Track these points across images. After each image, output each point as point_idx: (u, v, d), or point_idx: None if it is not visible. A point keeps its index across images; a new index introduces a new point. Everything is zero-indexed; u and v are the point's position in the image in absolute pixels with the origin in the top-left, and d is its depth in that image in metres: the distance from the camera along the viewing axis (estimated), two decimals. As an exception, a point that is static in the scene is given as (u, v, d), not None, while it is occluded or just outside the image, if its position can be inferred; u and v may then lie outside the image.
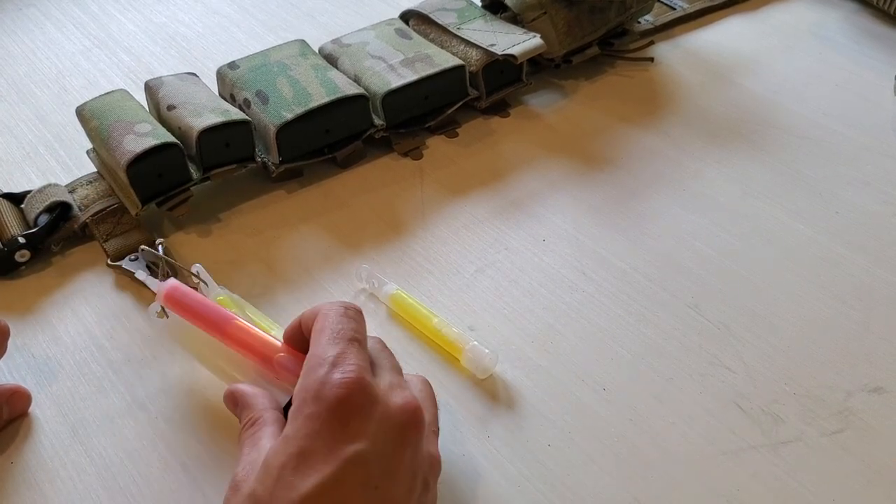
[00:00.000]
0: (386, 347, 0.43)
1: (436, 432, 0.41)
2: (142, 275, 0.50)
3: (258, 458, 0.37)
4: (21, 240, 0.55)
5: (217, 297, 0.49)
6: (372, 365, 0.40)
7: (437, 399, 0.43)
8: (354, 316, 0.41)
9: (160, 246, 0.53)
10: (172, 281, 0.46)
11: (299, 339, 0.42)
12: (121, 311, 0.53)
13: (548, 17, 0.68)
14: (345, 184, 0.62)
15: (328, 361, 0.37)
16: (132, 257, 0.55)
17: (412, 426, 0.38)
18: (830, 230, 0.57)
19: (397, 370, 0.41)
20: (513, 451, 0.45)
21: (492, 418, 0.46)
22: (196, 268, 0.50)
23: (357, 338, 0.40)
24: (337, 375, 0.37)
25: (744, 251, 0.56)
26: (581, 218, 0.58)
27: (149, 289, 0.48)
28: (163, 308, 0.46)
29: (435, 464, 0.40)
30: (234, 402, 0.42)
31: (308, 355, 0.39)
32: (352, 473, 0.35)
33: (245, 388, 0.42)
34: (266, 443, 0.38)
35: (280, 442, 0.36)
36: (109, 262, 0.55)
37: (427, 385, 0.43)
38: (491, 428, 0.46)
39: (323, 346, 0.38)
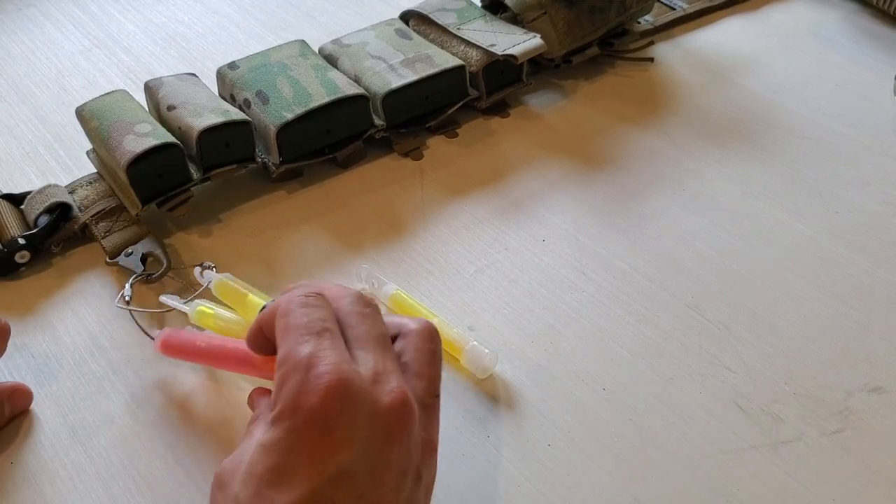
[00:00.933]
0: (367, 306, 0.38)
1: (432, 405, 0.38)
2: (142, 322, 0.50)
3: (245, 451, 0.36)
4: (21, 241, 0.55)
5: (196, 310, 0.49)
6: (351, 346, 0.36)
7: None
8: (317, 302, 0.37)
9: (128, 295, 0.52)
10: (161, 336, 0.47)
11: (263, 343, 0.40)
12: (121, 311, 0.53)
13: (548, 18, 0.68)
14: (345, 184, 0.62)
15: (302, 365, 0.34)
16: (127, 251, 0.54)
17: (401, 423, 0.35)
18: (830, 230, 0.57)
19: (381, 341, 0.37)
20: (513, 451, 0.45)
21: (492, 418, 0.46)
22: (162, 298, 0.51)
23: (327, 327, 0.36)
24: (314, 382, 0.33)
25: (744, 251, 0.56)
26: (581, 218, 0.58)
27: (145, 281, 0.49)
28: None
29: (428, 450, 0.37)
30: (251, 403, 0.42)
31: (278, 360, 0.35)
32: (334, 488, 0.33)
33: (259, 389, 0.42)
34: (257, 434, 0.36)
35: (260, 449, 0.34)
36: (108, 259, 0.55)
37: (426, 337, 0.39)
38: (491, 428, 0.46)
39: (292, 347, 0.35)
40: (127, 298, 0.51)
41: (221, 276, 0.50)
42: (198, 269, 0.52)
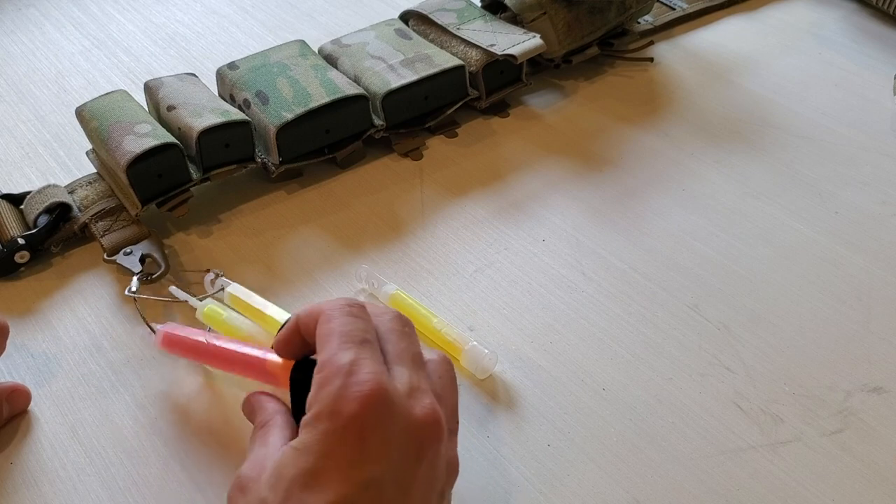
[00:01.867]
0: (406, 325, 0.40)
1: (454, 430, 0.39)
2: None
3: (266, 456, 0.36)
4: (21, 241, 0.55)
5: (203, 310, 0.49)
6: (388, 361, 0.37)
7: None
8: (359, 313, 0.38)
9: (135, 287, 0.52)
10: (162, 330, 0.47)
11: (297, 344, 0.40)
12: (120, 311, 0.53)
13: (547, 18, 0.68)
14: (345, 184, 0.62)
15: (343, 371, 0.35)
16: (127, 251, 0.54)
17: (432, 440, 0.36)
18: (830, 230, 0.57)
19: (417, 360, 0.38)
20: (513, 451, 0.45)
21: (491, 418, 0.46)
22: (172, 289, 0.51)
23: (367, 338, 0.37)
24: (354, 389, 0.34)
25: (744, 251, 0.56)
26: (581, 218, 0.58)
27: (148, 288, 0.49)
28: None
29: (452, 471, 0.38)
30: (250, 408, 0.41)
31: (318, 363, 0.36)
32: (365, 497, 0.34)
33: (260, 394, 0.41)
34: (274, 440, 0.37)
35: (292, 452, 0.35)
36: (106, 256, 0.55)
37: (447, 367, 0.40)
38: (491, 428, 0.46)
39: (334, 353, 0.36)
40: (134, 289, 0.51)
41: (236, 285, 0.50)
42: (209, 276, 0.52)
